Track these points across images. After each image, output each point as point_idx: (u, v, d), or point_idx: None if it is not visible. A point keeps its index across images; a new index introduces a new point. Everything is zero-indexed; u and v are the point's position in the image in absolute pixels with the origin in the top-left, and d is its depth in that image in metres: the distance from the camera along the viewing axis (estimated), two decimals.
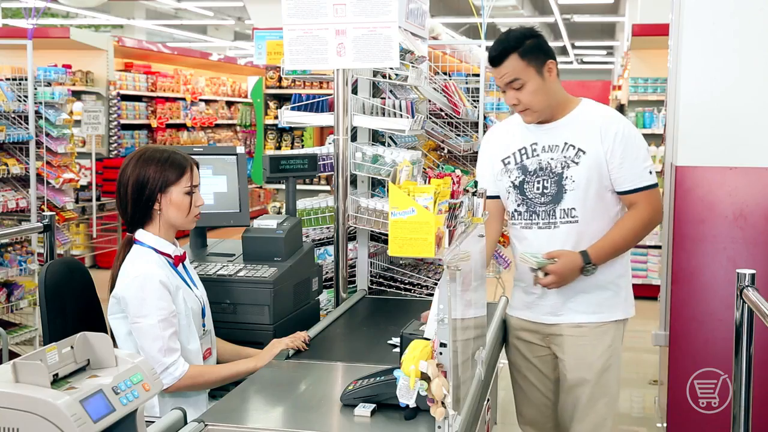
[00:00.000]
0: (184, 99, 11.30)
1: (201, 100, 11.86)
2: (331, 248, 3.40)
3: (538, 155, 2.76)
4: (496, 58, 2.69)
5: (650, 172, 2.74)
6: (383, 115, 3.45)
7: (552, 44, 3.41)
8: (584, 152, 2.70)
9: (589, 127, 2.72)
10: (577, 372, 2.80)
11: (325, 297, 3.42)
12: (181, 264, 2.50)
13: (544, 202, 2.75)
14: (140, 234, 2.45)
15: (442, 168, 4.21)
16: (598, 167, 2.70)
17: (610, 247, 2.73)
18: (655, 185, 2.74)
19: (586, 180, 2.70)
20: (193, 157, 2.53)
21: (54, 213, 4.18)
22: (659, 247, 6.70)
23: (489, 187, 2.83)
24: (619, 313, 2.84)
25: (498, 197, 2.89)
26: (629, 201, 2.75)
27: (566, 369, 2.82)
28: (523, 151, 2.79)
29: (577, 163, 2.71)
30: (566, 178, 2.71)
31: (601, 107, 2.82)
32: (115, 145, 9.25)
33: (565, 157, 2.72)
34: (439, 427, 1.75)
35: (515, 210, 2.82)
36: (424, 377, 1.69)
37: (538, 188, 2.75)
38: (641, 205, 2.73)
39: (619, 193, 2.75)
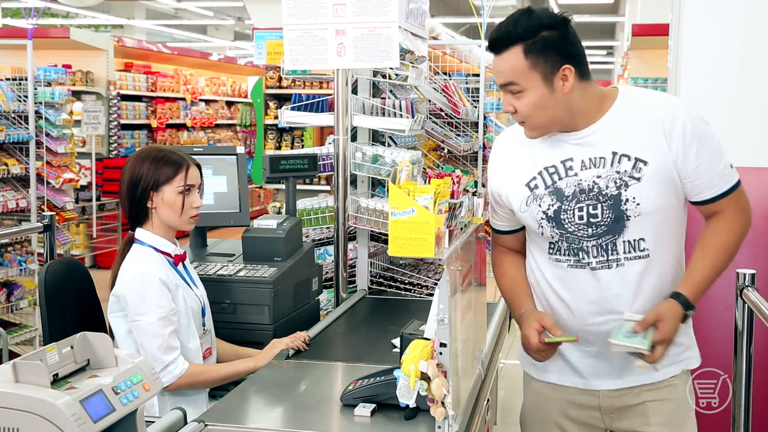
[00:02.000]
0: (184, 99, 11.30)
1: (201, 100, 11.86)
2: (331, 248, 3.40)
3: (575, 174, 2.02)
4: (494, 44, 2.00)
5: (731, 166, 2.06)
6: (383, 115, 3.45)
7: None
8: (646, 162, 1.97)
9: (643, 125, 1.99)
10: None
11: (325, 297, 3.42)
12: (181, 263, 2.50)
13: (596, 234, 2.02)
14: (140, 233, 2.45)
15: (442, 168, 4.21)
16: (669, 179, 1.99)
17: (705, 279, 2.04)
18: (739, 182, 2.07)
19: (654, 199, 1.98)
20: (194, 157, 2.53)
21: (54, 213, 4.18)
22: None
23: (505, 223, 2.22)
24: (695, 357, 2.18)
25: (516, 231, 2.23)
26: (712, 210, 2.06)
27: None
28: (552, 170, 2.05)
29: (638, 179, 1.97)
30: (627, 200, 1.98)
31: (652, 95, 2.09)
32: (115, 145, 9.24)
33: (618, 172, 1.98)
34: (439, 427, 1.75)
35: (552, 244, 2.08)
36: (424, 377, 1.69)
37: (581, 216, 2.01)
38: (729, 212, 2.05)
39: (697, 204, 2.05)
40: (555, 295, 2.11)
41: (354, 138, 3.50)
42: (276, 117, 7.28)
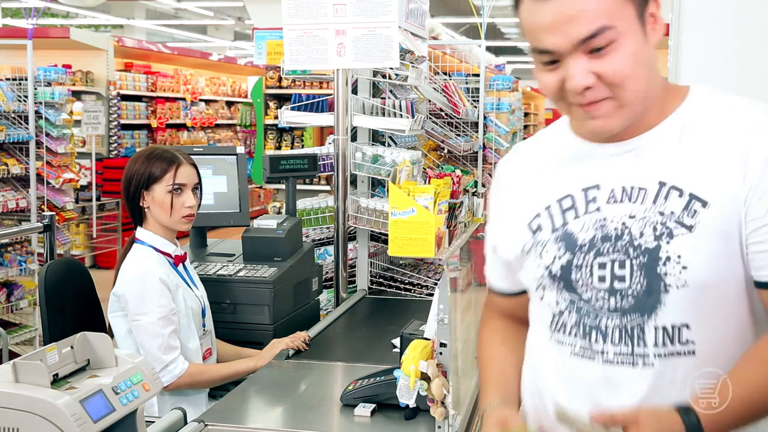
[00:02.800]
0: (184, 99, 11.30)
1: (201, 100, 11.86)
2: (331, 248, 3.40)
3: (597, 209, 1.33)
4: None
5: None
6: (383, 115, 3.45)
7: None
8: (705, 203, 1.25)
9: (718, 148, 1.27)
10: None
11: (325, 297, 3.42)
12: (181, 264, 2.50)
13: (621, 309, 1.30)
14: (140, 233, 2.46)
15: (442, 168, 4.21)
16: (735, 233, 1.25)
17: (738, 409, 1.24)
18: None
19: (709, 263, 1.25)
20: (192, 157, 2.53)
21: (54, 213, 4.19)
22: None
23: (503, 279, 1.56)
24: None
25: (517, 294, 1.53)
26: None
27: None
28: (567, 204, 1.36)
29: (689, 228, 1.25)
30: (667, 260, 1.26)
31: (748, 104, 1.34)
32: (115, 145, 9.24)
33: (662, 214, 1.27)
34: (439, 427, 1.75)
35: (555, 315, 1.38)
36: (424, 377, 1.69)
37: (602, 277, 1.31)
38: None
39: (759, 287, 1.27)
40: (551, 396, 1.40)
41: (354, 138, 3.50)
42: (276, 117, 7.28)
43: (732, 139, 1.27)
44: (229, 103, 12.88)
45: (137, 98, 10.14)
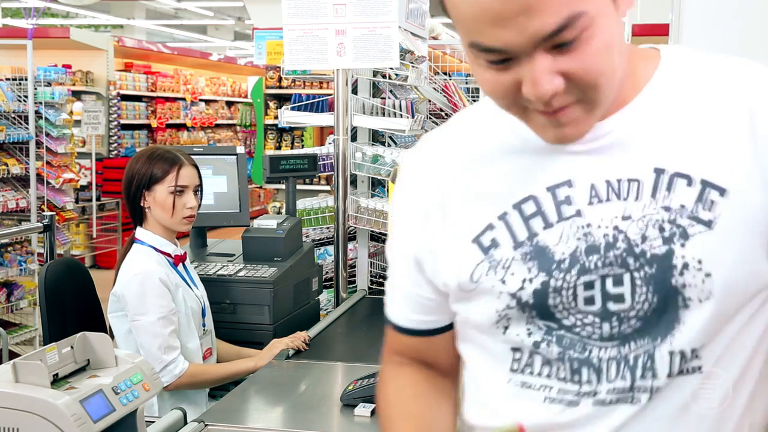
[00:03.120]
0: (184, 99, 11.31)
1: (201, 100, 11.87)
2: (331, 248, 3.40)
3: (577, 213, 0.99)
4: None
5: None
6: (383, 115, 3.45)
7: None
8: (723, 191, 0.95)
9: (715, 117, 0.98)
10: None
11: (325, 297, 3.42)
12: (181, 264, 2.50)
13: (618, 336, 0.98)
14: (140, 232, 2.46)
15: None
16: (762, 222, 0.95)
17: None
18: None
19: (737, 264, 0.96)
20: (193, 158, 2.53)
21: (54, 213, 4.19)
22: None
23: (419, 313, 1.14)
24: None
25: (437, 331, 1.14)
26: None
27: None
28: (529, 208, 1.00)
29: (708, 224, 0.95)
30: (684, 267, 0.95)
31: (724, 58, 1.08)
32: (115, 145, 9.25)
33: (668, 209, 0.96)
34: None
35: (523, 350, 1.02)
36: None
37: (589, 299, 0.98)
38: None
39: None
40: None
41: (354, 138, 3.50)
42: (276, 117, 7.28)
43: (732, 101, 0.97)
44: (229, 103, 12.88)
45: (137, 98, 10.15)
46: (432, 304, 1.11)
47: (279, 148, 8.08)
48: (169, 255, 2.45)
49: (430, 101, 4.37)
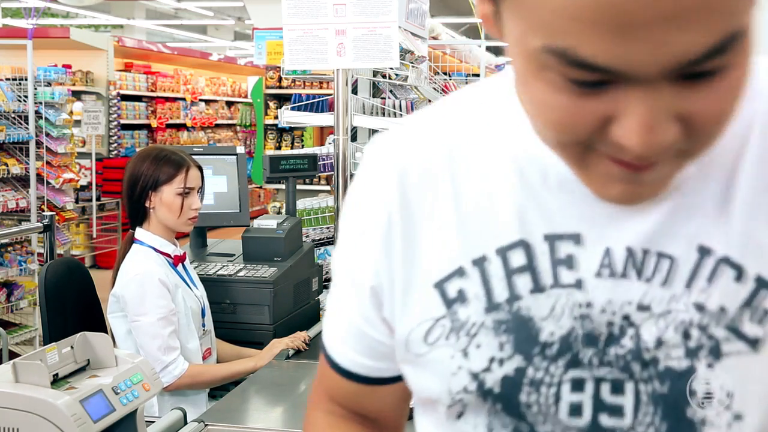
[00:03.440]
0: (184, 99, 11.31)
1: (201, 100, 11.87)
2: (331, 248, 3.40)
3: (579, 283, 0.68)
4: None
5: None
6: (383, 115, 3.45)
7: None
8: None
9: None
10: None
11: (325, 297, 3.42)
12: (181, 264, 2.50)
13: None
14: (140, 233, 2.45)
15: None
16: None
17: None
18: None
19: None
20: (195, 158, 2.53)
21: (54, 213, 4.19)
22: None
23: (361, 354, 0.82)
24: None
25: (381, 381, 0.84)
26: None
27: None
28: (518, 259, 0.70)
29: (755, 344, 0.65)
30: (705, 397, 0.66)
31: None
32: (115, 145, 9.25)
33: (703, 309, 0.66)
34: None
35: None
36: None
37: (575, 407, 0.68)
38: None
39: None
40: None
41: (354, 138, 3.50)
42: (276, 117, 7.27)
43: None
44: (229, 103, 12.88)
45: (137, 98, 10.15)
46: (384, 349, 0.80)
47: (279, 148, 8.08)
48: (168, 255, 2.45)
49: (430, 101, 4.37)
